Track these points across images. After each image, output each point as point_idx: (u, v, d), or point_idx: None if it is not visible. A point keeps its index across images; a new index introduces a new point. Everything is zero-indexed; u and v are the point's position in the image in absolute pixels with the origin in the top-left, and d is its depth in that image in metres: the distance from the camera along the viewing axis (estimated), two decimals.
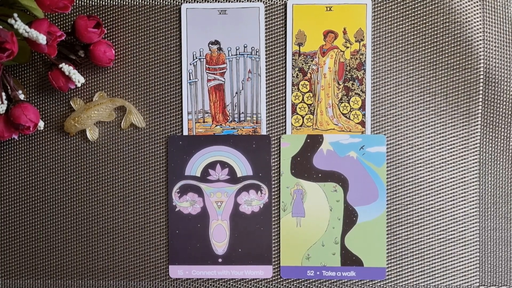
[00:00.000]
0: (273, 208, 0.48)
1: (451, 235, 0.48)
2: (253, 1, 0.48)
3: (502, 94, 0.48)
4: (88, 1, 0.48)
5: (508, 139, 0.48)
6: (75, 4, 0.48)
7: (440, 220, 0.48)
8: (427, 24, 0.48)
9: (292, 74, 0.48)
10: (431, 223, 0.48)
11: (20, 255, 0.49)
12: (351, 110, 0.48)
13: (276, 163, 0.48)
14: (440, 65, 0.48)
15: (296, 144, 0.48)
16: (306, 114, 0.48)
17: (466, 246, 0.48)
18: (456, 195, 0.48)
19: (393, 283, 0.48)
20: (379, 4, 0.48)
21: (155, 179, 0.48)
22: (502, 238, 0.48)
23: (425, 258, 0.48)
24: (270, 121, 0.48)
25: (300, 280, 0.48)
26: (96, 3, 0.48)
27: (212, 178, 0.48)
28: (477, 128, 0.48)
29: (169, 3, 0.48)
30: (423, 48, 0.48)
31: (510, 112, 0.48)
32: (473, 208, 0.48)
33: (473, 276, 0.48)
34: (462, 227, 0.48)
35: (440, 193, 0.48)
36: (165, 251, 0.48)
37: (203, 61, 0.48)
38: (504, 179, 0.48)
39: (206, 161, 0.48)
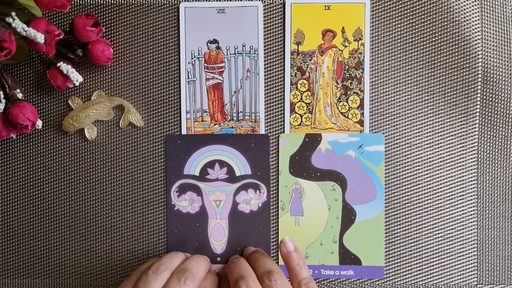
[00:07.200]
0: (272, 207, 0.48)
1: (449, 233, 0.48)
2: (251, 0, 0.48)
3: (500, 93, 0.48)
4: (86, 0, 0.48)
5: (506, 138, 0.48)
6: (73, 2, 0.48)
7: (438, 218, 0.48)
8: (425, 23, 0.48)
9: (291, 73, 0.48)
10: (429, 222, 0.48)
11: (18, 254, 0.49)
12: (350, 109, 0.48)
13: (274, 162, 0.48)
14: (439, 64, 0.48)
15: (295, 143, 0.48)
16: (305, 113, 0.48)
17: (464, 244, 0.48)
18: (454, 194, 0.48)
19: (391, 282, 0.48)
20: (377, 3, 0.48)
21: (153, 178, 0.48)
22: (500, 237, 0.48)
23: (424, 257, 0.48)
24: (269, 120, 0.48)
25: None
26: (94, 2, 0.48)
27: (211, 177, 0.48)
28: (475, 127, 0.48)
29: (167, 2, 0.48)
30: (422, 47, 0.48)
31: (508, 111, 0.48)
32: (471, 207, 0.48)
33: (471, 275, 0.48)
34: (460, 226, 0.48)
35: (438, 192, 0.48)
36: (163, 250, 0.48)
37: (201, 60, 0.48)
38: (502, 178, 0.48)
39: (205, 160, 0.48)
